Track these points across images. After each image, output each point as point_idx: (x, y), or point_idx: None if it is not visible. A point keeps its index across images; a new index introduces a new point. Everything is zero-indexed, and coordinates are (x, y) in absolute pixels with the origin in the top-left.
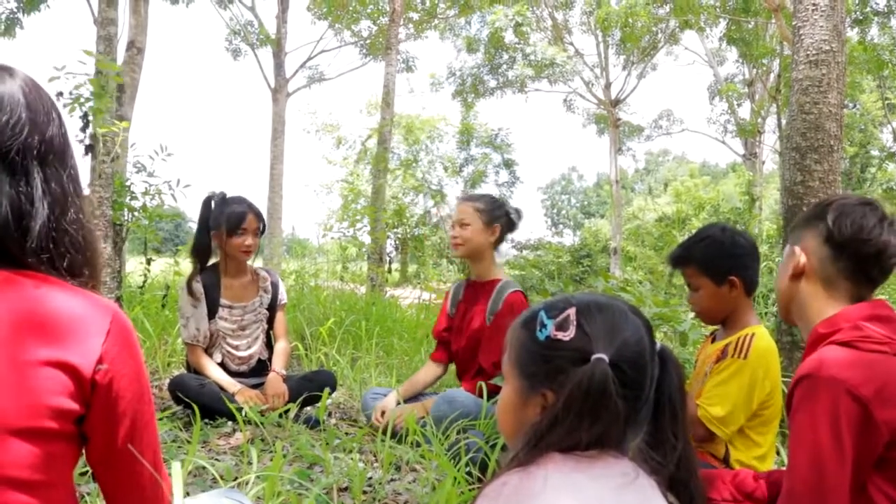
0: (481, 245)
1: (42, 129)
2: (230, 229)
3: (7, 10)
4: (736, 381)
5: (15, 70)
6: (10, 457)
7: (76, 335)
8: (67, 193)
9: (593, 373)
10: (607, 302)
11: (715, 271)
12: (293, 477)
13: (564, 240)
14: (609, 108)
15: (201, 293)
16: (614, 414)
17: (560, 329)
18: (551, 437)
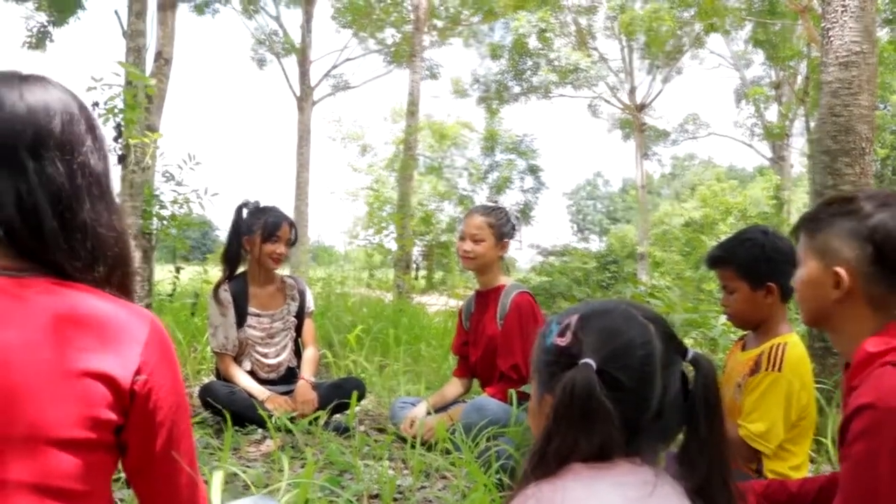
0: (491, 259)
1: (37, 122)
2: (265, 236)
3: (38, 24)
4: (773, 395)
5: (11, 72)
6: (50, 467)
7: (115, 345)
8: (78, 190)
9: (576, 377)
10: (613, 308)
11: (753, 275)
12: (324, 484)
13: (590, 246)
14: (634, 112)
15: (229, 301)
16: (606, 419)
17: (560, 335)
18: (552, 444)
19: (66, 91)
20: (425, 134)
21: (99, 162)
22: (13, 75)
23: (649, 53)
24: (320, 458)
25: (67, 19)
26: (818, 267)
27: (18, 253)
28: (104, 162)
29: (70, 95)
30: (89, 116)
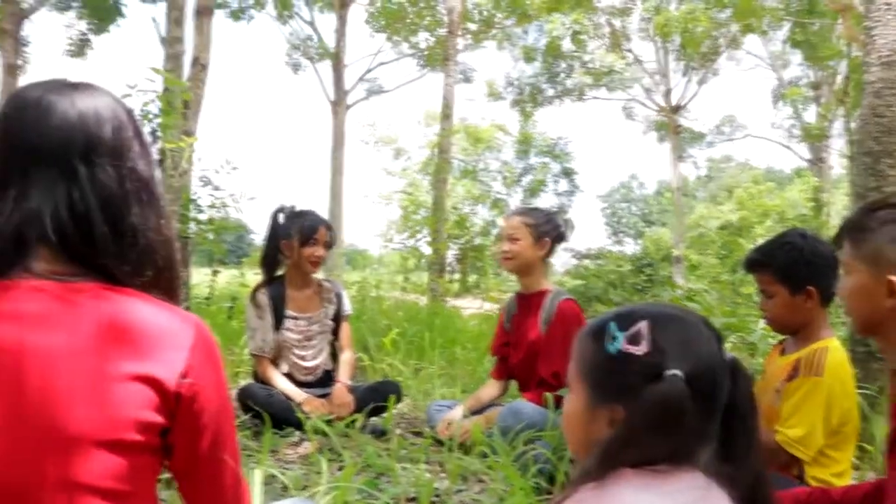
0: (531, 259)
1: (88, 129)
2: (303, 240)
3: (79, 33)
4: (812, 400)
5: (62, 80)
6: (98, 468)
7: (161, 349)
8: (127, 195)
9: (669, 391)
10: (679, 314)
11: (792, 279)
12: (362, 487)
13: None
14: (669, 114)
15: (266, 304)
16: (689, 430)
17: (632, 343)
18: (626, 454)
19: (114, 98)
20: (459, 137)
21: (146, 167)
22: (64, 83)
23: (685, 55)
24: (358, 460)
25: (107, 27)
26: (869, 275)
27: (69, 258)
28: (151, 167)
29: (118, 102)
30: (136, 123)
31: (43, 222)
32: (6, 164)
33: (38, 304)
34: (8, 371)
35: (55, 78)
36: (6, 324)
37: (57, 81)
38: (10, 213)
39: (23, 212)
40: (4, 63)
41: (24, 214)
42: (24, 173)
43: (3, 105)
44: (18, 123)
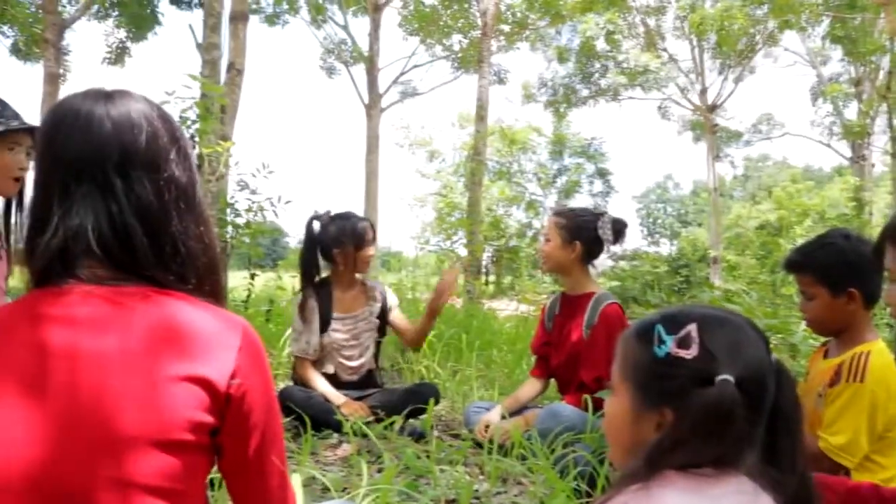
0: (563, 260)
1: (123, 141)
2: (358, 243)
3: (117, 41)
4: (855, 406)
5: (97, 89)
6: (151, 467)
7: (210, 350)
8: (165, 205)
9: (721, 396)
10: (727, 317)
11: (833, 281)
12: (403, 489)
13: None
14: (705, 113)
15: (314, 307)
16: (738, 435)
17: (681, 346)
18: (673, 457)
19: (150, 103)
20: (493, 139)
21: (184, 173)
22: (99, 93)
23: (721, 53)
24: (397, 463)
25: (145, 35)
26: None
27: (116, 267)
28: (190, 172)
29: (153, 108)
30: (172, 127)
31: (86, 237)
32: (49, 179)
33: (91, 308)
34: (63, 374)
35: (92, 88)
36: (60, 328)
37: (93, 91)
38: (55, 228)
39: (67, 227)
40: (46, 72)
41: (68, 229)
42: (65, 187)
43: (44, 119)
44: (57, 137)
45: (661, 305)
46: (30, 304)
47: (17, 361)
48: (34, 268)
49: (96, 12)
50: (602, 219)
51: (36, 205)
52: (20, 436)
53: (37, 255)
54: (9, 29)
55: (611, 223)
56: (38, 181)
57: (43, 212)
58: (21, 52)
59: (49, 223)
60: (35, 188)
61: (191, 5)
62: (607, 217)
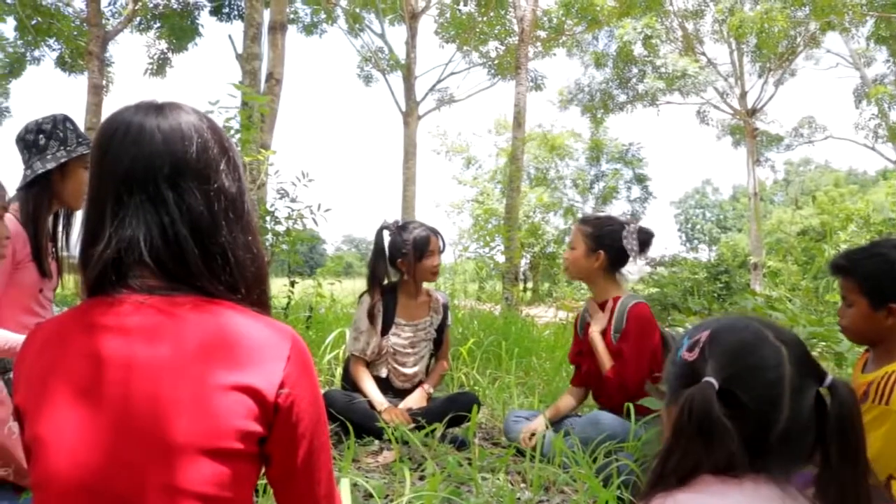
0: (586, 269)
1: (173, 153)
2: (419, 254)
3: (158, 52)
4: (877, 429)
5: (148, 102)
6: (201, 475)
7: (260, 360)
8: (215, 216)
9: (695, 395)
10: (744, 326)
11: (875, 293)
12: (448, 496)
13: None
14: (745, 118)
15: (380, 311)
16: (725, 438)
17: (689, 350)
18: (672, 460)
19: (200, 115)
20: (531, 145)
21: (233, 184)
22: (150, 106)
23: (760, 56)
24: (439, 470)
25: (186, 46)
26: None
27: (167, 277)
28: (239, 183)
29: (203, 119)
30: (222, 138)
31: (139, 247)
32: (102, 191)
33: (143, 318)
34: (117, 382)
35: (143, 101)
36: (114, 338)
37: (144, 104)
38: (108, 239)
39: (120, 238)
40: (90, 83)
41: (120, 240)
42: (118, 199)
43: (97, 133)
44: (109, 150)
45: (702, 313)
46: (84, 314)
47: (73, 370)
48: (87, 278)
49: (138, 24)
50: (628, 228)
51: (89, 216)
52: (75, 442)
53: (90, 266)
54: (55, 42)
55: (636, 233)
56: (91, 193)
57: (96, 223)
58: (66, 65)
59: (102, 234)
60: (88, 200)
61: (230, 17)
62: (633, 227)
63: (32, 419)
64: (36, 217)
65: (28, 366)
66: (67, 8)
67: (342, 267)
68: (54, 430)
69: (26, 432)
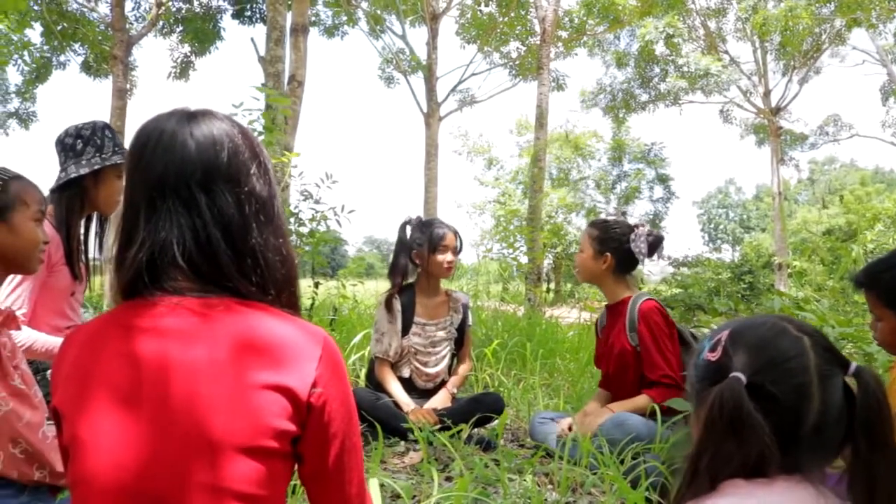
0: (594, 271)
1: (206, 158)
2: (432, 247)
3: (181, 55)
4: None
5: (181, 110)
6: (238, 473)
7: (293, 360)
8: (246, 218)
9: (723, 390)
10: (763, 322)
11: None
12: (478, 497)
13: (723, 256)
14: (769, 116)
15: (399, 310)
16: (757, 432)
17: (711, 351)
18: (704, 458)
19: (231, 122)
20: (552, 145)
21: (264, 187)
22: (183, 113)
23: (785, 54)
24: (469, 471)
25: (208, 49)
26: None
27: (199, 278)
28: (269, 186)
29: (234, 125)
30: (253, 143)
31: (172, 249)
32: (137, 196)
33: (179, 319)
34: (155, 383)
35: (176, 108)
36: (151, 339)
37: (177, 112)
38: (142, 242)
39: (154, 240)
40: (115, 87)
41: (154, 243)
42: (151, 203)
43: (132, 140)
44: (144, 157)
45: (728, 314)
46: (120, 317)
47: (111, 372)
48: (122, 280)
49: (161, 28)
50: (636, 231)
51: (124, 220)
52: (115, 442)
53: (125, 268)
54: (80, 47)
55: (645, 236)
56: (126, 198)
57: (131, 227)
58: (91, 69)
59: (136, 237)
60: (124, 205)
61: (252, 20)
62: (641, 230)
63: (71, 421)
64: (68, 220)
65: (66, 368)
66: (92, 13)
67: (364, 268)
68: (94, 432)
69: (65, 433)
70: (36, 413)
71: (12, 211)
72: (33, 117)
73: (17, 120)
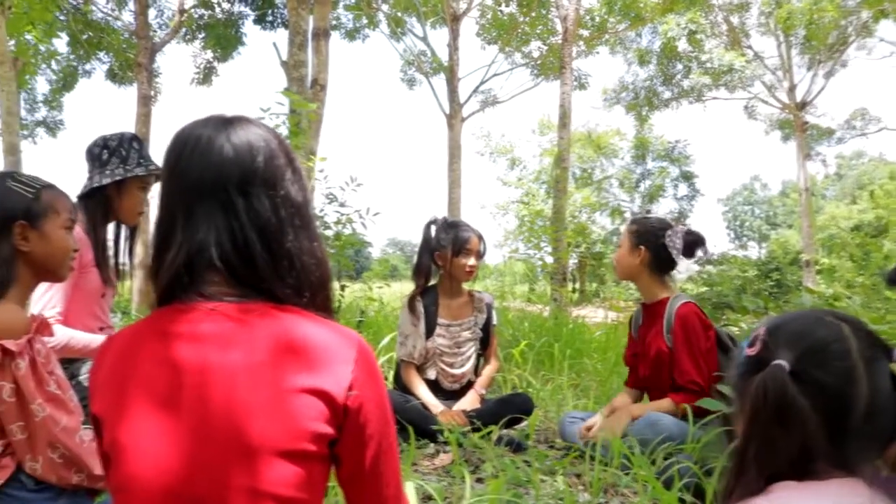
0: (629, 266)
1: (243, 162)
2: (455, 250)
3: (204, 62)
4: None
5: (217, 116)
6: (277, 476)
7: (329, 363)
8: (282, 222)
9: (766, 378)
10: (801, 313)
11: None
12: (511, 499)
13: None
14: (794, 111)
15: (422, 312)
16: (803, 420)
17: (750, 346)
18: (751, 450)
19: (266, 128)
20: (576, 144)
21: (299, 192)
22: (220, 119)
23: (810, 48)
24: (503, 473)
25: (230, 55)
26: None
27: (236, 282)
28: (303, 192)
29: (269, 132)
30: (287, 150)
31: (209, 252)
32: (174, 200)
33: (215, 324)
34: (194, 388)
35: (212, 115)
36: (189, 345)
37: (213, 118)
38: (180, 244)
39: (191, 243)
40: (139, 94)
41: (192, 245)
42: (188, 207)
43: (168, 145)
44: (181, 161)
45: (758, 312)
46: (157, 322)
47: (150, 377)
48: (160, 284)
49: (184, 35)
50: (673, 228)
51: (161, 224)
52: (156, 447)
53: (162, 271)
54: (105, 55)
55: (682, 235)
56: (163, 203)
57: (168, 231)
58: (116, 77)
59: (174, 240)
60: (160, 209)
61: (273, 25)
62: (679, 228)
63: (112, 426)
64: (93, 228)
65: (104, 375)
66: (117, 22)
67: (388, 269)
68: (134, 437)
69: (105, 439)
70: (72, 418)
71: (44, 219)
72: (60, 125)
73: (45, 128)
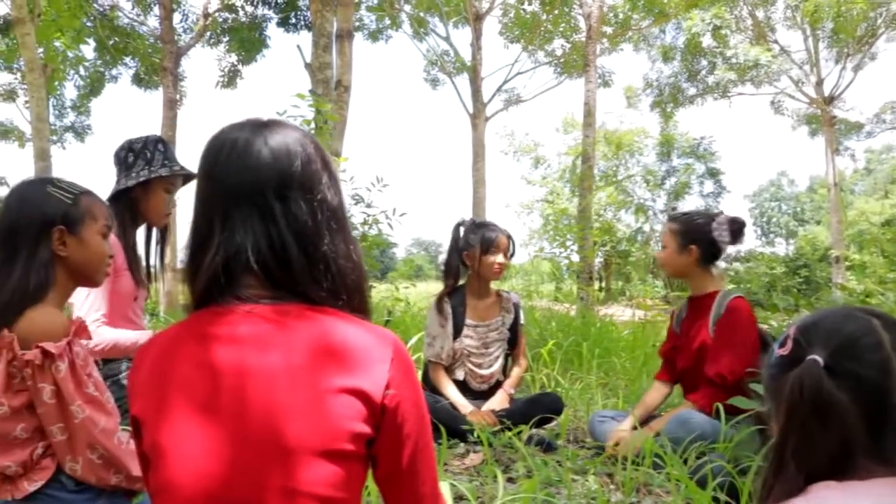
0: (680, 266)
1: (280, 166)
2: (484, 249)
3: (228, 65)
4: None
5: (254, 120)
6: (317, 476)
7: (366, 364)
8: (318, 225)
9: (802, 373)
10: (830, 311)
11: None
12: (545, 499)
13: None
14: (822, 106)
15: (450, 313)
16: (841, 413)
17: (781, 346)
18: (789, 447)
19: (302, 132)
20: (600, 142)
21: (335, 196)
22: (256, 123)
23: (837, 41)
24: (536, 473)
25: (255, 57)
26: None
27: (272, 284)
28: (339, 196)
29: (306, 136)
30: (323, 154)
31: (246, 255)
32: (210, 203)
33: (253, 326)
34: (232, 390)
35: (248, 119)
36: (227, 347)
37: (250, 122)
38: (217, 247)
39: (228, 246)
40: (165, 98)
41: (229, 248)
42: (225, 210)
43: (204, 148)
44: (218, 165)
45: (789, 309)
46: (195, 325)
47: (189, 380)
48: (196, 287)
49: (209, 39)
50: (717, 219)
51: (197, 227)
52: (195, 449)
53: (200, 274)
54: (131, 60)
55: (727, 223)
56: (199, 206)
57: (205, 234)
58: (142, 81)
59: (211, 244)
60: (196, 212)
61: (296, 27)
62: (723, 217)
63: (152, 428)
64: (123, 231)
65: (144, 376)
66: (142, 27)
67: (413, 269)
68: (174, 439)
69: (145, 441)
70: (110, 419)
71: (82, 225)
72: (88, 130)
73: (74, 133)
